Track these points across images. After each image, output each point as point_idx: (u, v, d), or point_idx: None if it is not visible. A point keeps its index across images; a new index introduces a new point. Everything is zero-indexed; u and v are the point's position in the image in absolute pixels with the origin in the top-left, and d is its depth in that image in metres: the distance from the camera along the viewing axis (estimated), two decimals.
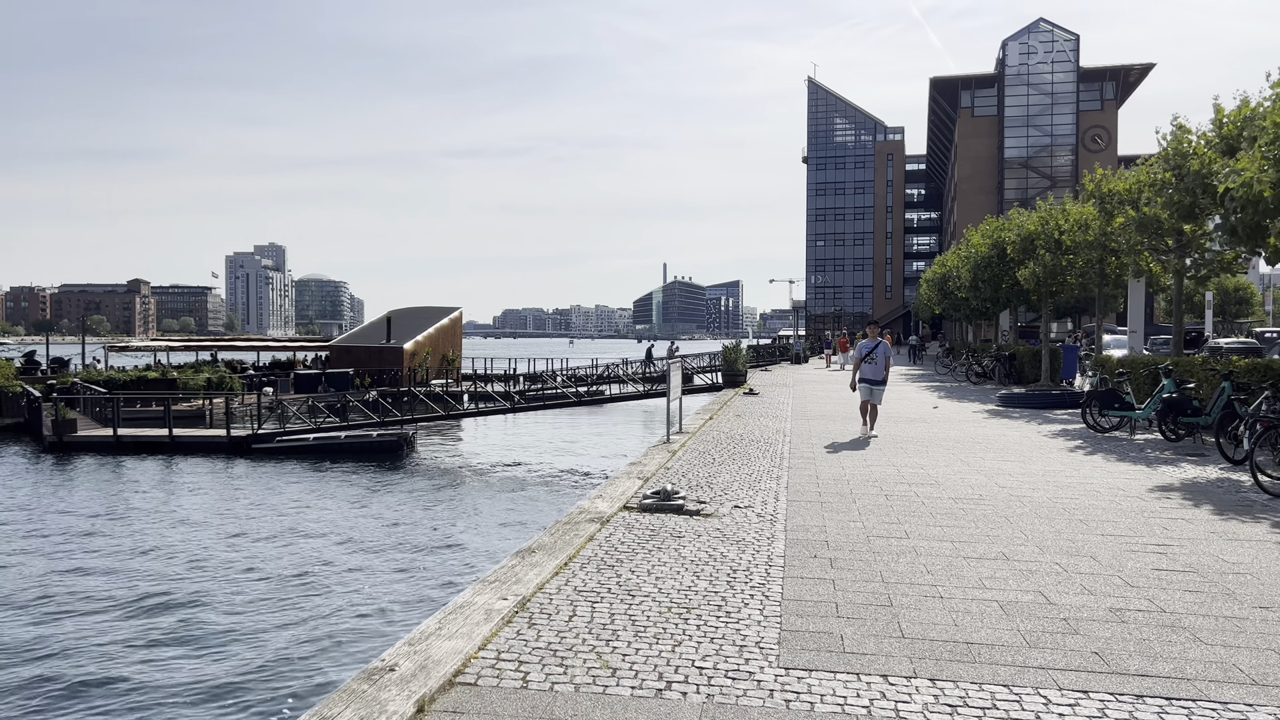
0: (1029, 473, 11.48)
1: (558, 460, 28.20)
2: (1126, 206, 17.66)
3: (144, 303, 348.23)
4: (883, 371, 15.10)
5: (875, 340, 15.39)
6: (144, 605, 14.01)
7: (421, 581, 14.95)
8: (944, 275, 41.02)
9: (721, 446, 13.41)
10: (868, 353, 15.19)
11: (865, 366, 15.12)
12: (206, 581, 15.27)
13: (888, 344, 15.14)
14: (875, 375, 15.11)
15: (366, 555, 16.71)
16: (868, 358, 15.15)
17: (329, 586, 14.76)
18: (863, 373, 15.14)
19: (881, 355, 15.14)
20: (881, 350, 15.21)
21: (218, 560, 16.71)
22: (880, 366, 15.06)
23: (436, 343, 56.68)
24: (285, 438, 29.10)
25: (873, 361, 15.08)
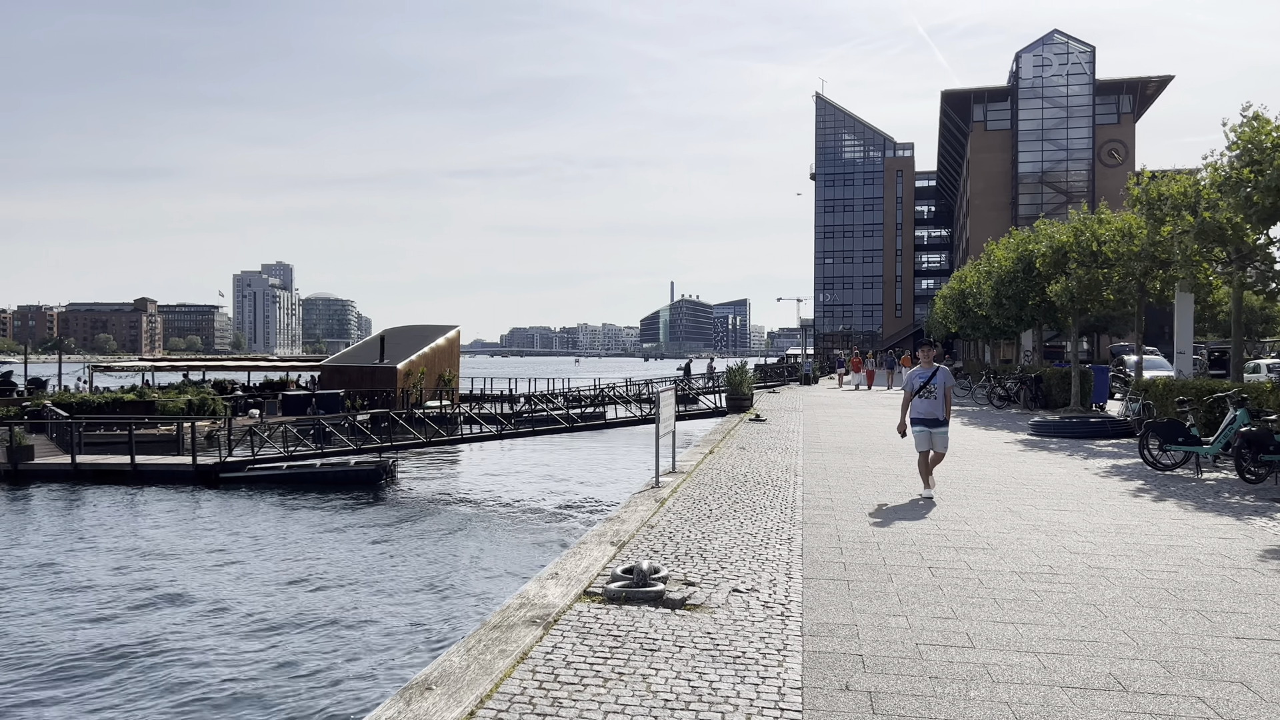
0: (1097, 528, 9.32)
1: (546, 493, 25.97)
2: (1183, 212, 15.51)
3: (150, 321, 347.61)
4: (943, 409, 11.19)
5: (930, 367, 11.36)
6: (76, 656, 11.91)
7: (333, 662, 12.80)
8: (962, 292, 38.85)
9: (721, 492, 11.26)
10: (922, 384, 11.22)
11: (919, 403, 11.24)
12: (141, 629, 13.16)
13: (947, 371, 11.35)
14: (933, 413, 11.16)
15: (289, 622, 14.57)
16: (923, 390, 11.22)
17: (240, 652, 12.62)
18: (915, 411, 11.29)
19: (940, 387, 11.19)
20: (940, 380, 11.20)
21: (153, 608, 14.61)
22: (939, 402, 11.16)
23: (432, 362, 54.63)
24: (256, 466, 27.01)
25: (929, 395, 11.18)
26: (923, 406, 11.22)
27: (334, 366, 53.07)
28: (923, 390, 11.24)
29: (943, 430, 11.23)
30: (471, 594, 14.88)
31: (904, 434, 11.60)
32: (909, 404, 11.39)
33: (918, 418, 11.24)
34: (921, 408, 11.22)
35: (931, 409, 11.16)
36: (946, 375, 11.37)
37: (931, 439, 11.22)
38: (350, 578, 16.41)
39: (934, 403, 11.15)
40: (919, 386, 11.29)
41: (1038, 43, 79.17)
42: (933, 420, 11.15)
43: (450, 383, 56.05)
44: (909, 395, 11.39)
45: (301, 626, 13.62)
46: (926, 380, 11.24)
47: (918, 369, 11.51)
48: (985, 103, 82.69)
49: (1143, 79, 77.64)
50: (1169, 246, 17.04)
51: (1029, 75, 79.36)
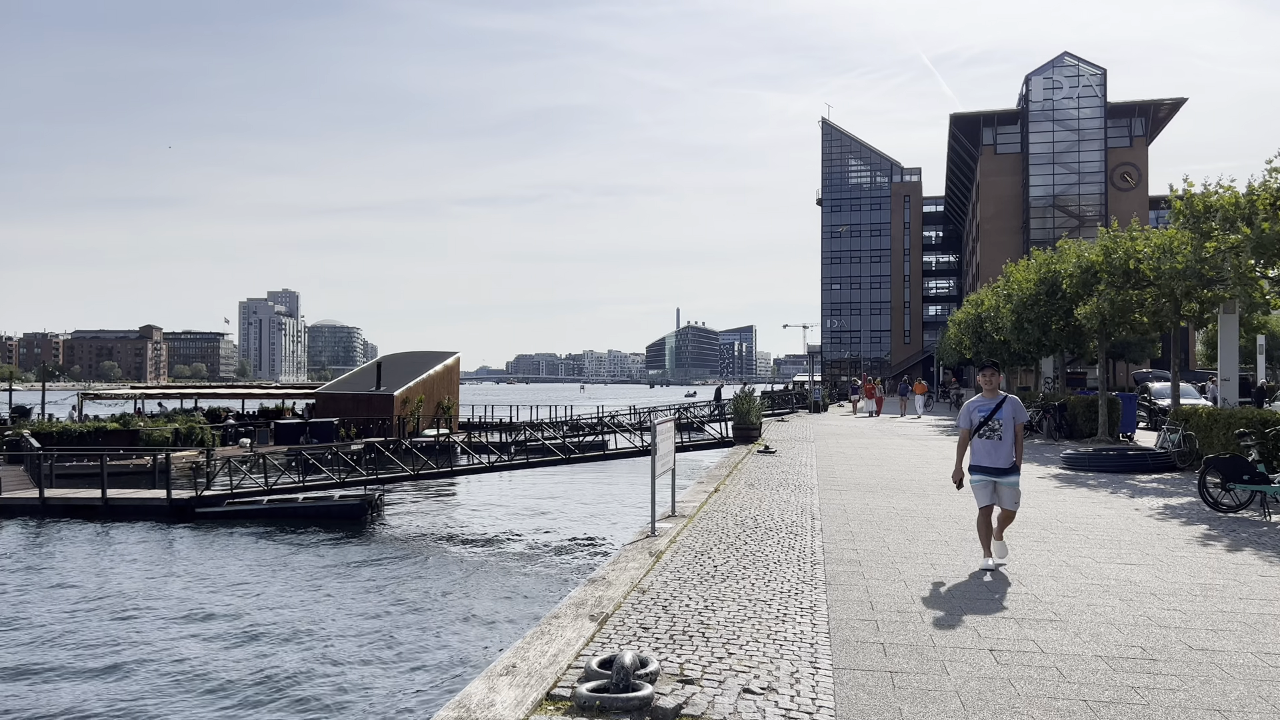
0: (1177, 589, 7.77)
1: (538, 532, 24.23)
2: (1240, 224, 14.02)
3: (156, 349, 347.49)
4: (1011, 452, 8.53)
5: (995, 396, 8.68)
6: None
7: None
8: (979, 316, 37.31)
9: (727, 541, 9.71)
10: (984, 419, 8.60)
11: (980, 444, 8.60)
12: (78, 684, 11.63)
13: (1017, 403, 8.70)
14: (999, 458, 8.51)
15: (219, 686, 13.01)
16: (984, 428, 8.58)
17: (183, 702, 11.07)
18: (975, 455, 8.66)
19: (1008, 422, 8.54)
20: (1009, 414, 8.55)
21: (95, 657, 13.09)
22: (1007, 444, 8.50)
23: (431, 389, 53.20)
24: (235, 500, 25.50)
25: (993, 435, 8.53)
26: (985, 449, 8.56)
27: (329, 394, 51.66)
28: (984, 428, 8.57)
29: (1012, 480, 8.52)
30: (428, 665, 13.17)
31: (960, 484, 8.67)
32: (966, 446, 8.72)
33: (978, 464, 8.60)
34: (983, 451, 8.58)
35: (996, 453, 8.50)
36: (1017, 407, 8.59)
37: (997, 492, 8.56)
38: (301, 633, 14.80)
39: (999, 445, 8.49)
40: (980, 422, 8.60)
41: (1047, 65, 78.09)
42: (999, 468, 8.51)
43: (449, 410, 54.62)
44: (966, 434, 8.71)
45: (228, 693, 12.05)
46: (990, 414, 8.55)
47: (977, 399, 8.81)
48: (995, 126, 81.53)
49: (1155, 101, 76.46)
50: (1218, 262, 15.53)
51: (1039, 98, 78.23)
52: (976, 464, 8.63)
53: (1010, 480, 8.57)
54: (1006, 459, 8.53)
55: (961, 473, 8.66)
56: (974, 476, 8.64)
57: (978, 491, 8.71)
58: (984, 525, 8.75)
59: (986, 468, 8.57)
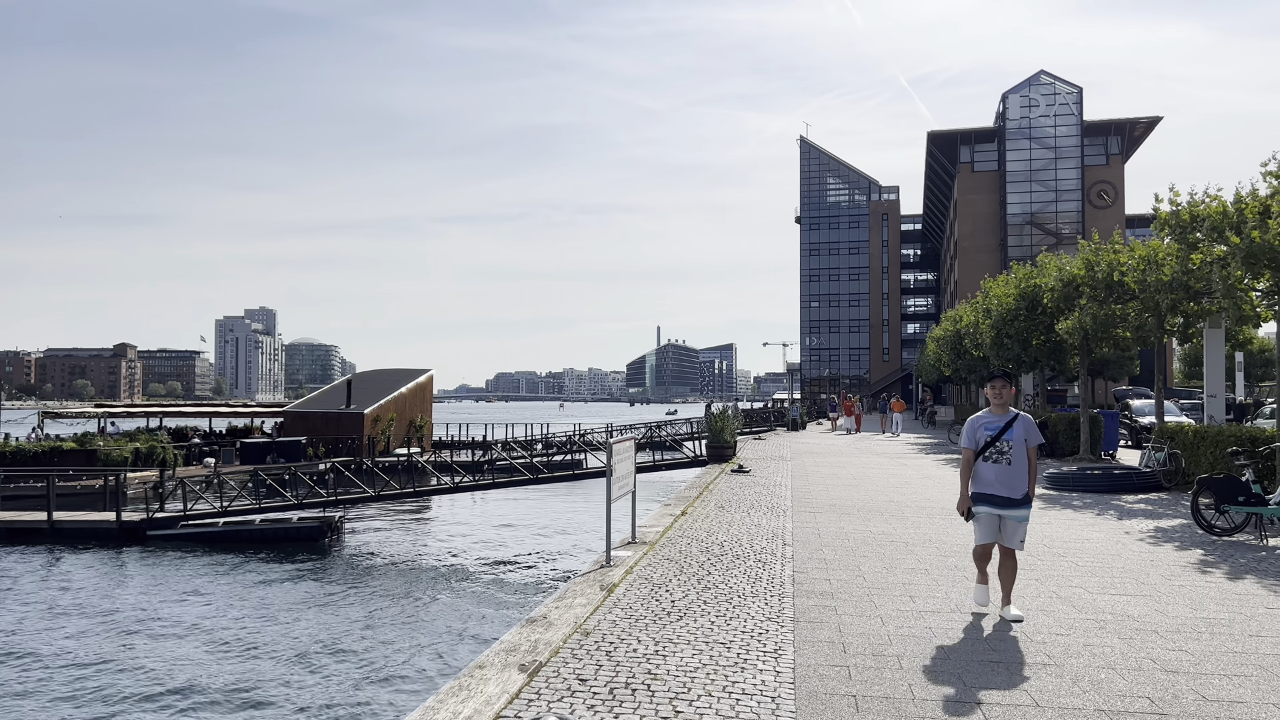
0: (1180, 625, 7.05)
1: (500, 557, 23.15)
2: (1229, 233, 13.43)
3: (130, 367, 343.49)
4: (1024, 479, 7.14)
5: (1004, 413, 7.29)
6: None
7: None
8: (958, 332, 36.80)
9: (689, 572, 8.92)
10: (992, 438, 7.18)
11: (987, 469, 7.20)
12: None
13: (1030, 422, 7.28)
14: (1008, 486, 7.13)
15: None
16: (991, 449, 7.17)
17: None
18: (980, 481, 7.25)
19: (1019, 444, 7.14)
20: (1019, 434, 7.16)
21: (26, 689, 12.11)
22: (1019, 468, 7.12)
23: (403, 407, 52.15)
24: (189, 523, 24.46)
25: (1002, 458, 7.13)
26: (991, 475, 7.12)
27: (297, 413, 50.50)
28: (991, 449, 7.12)
29: (1022, 514, 7.12)
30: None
31: (969, 515, 7.32)
32: (970, 469, 7.30)
33: (983, 493, 7.20)
34: (989, 477, 7.13)
35: (1005, 479, 7.07)
36: (1029, 427, 7.19)
37: (1002, 527, 7.18)
38: (220, 669, 13.86)
39: (1009, 470, 7.07)
40: (986, 442, 7.17)
41: (1024, 83, 78.27)
42: (1006, 498, 7.09)
43: (422, 429, 53.56)
44: (971, 456, 7.28)
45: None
46: (998, 433, 7.12)
47: (983, 415, 7.36)
48: (972, 144, 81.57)
49: (1131, 120, 76.71)
50: (1205, 274, 14.95)
51: (1016, 116, 78.36)
52: (981, 492, 7.22)
53: (1020, 514, 7.13)
54: (1017, 488, 7.10)
55: (968, 501, 7.27)
56: (976, 507, 7.29)
57: (980, 525, 7.32)
58: (982, 561, 7.51)
59: (992, 497, 7.15)
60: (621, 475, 9.36)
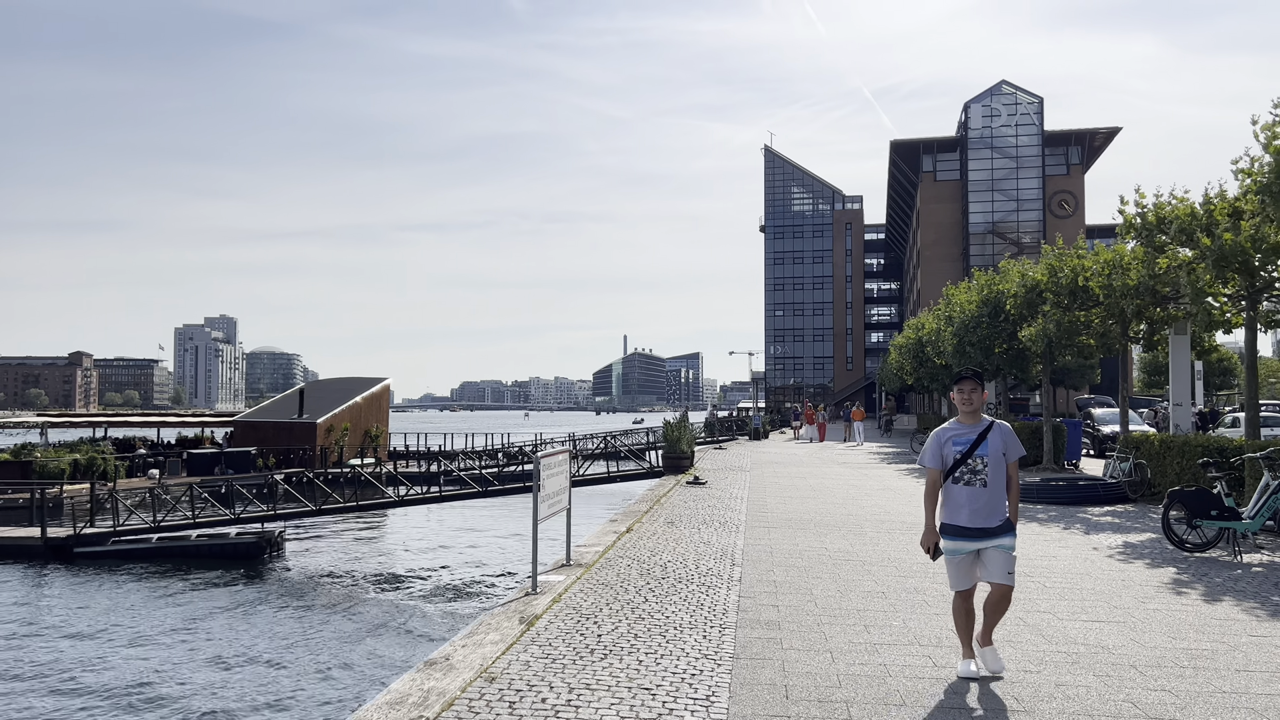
0: (1159, 657, 6.37)
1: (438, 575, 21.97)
2: (1199, 234, 12.90)
3: (86, 376, 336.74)
4: (1003, 503, 5.81)
5: (977, 422, 5.92)
6: None
7: None
8: (919, 340, 36.39)
9: (624, 599, 8.11)
10: (963, 453, 5.82)
11: (957, 492, 5.83)
12: None
13: (1008, 431, 5.95)
14: (986, 515, 5.77)
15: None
16: (962, 468, 5.82)
17: None
18: (953, 507, 5.85)
19: (997, 459, 5.81)
20: (996, 447, 5.82)
21: None
22: (996, 489, 5.78)
23: (357, 417, 50.94)
24: (120, 539, 23.28)
25: (975, 478, 5.79)
26: (962, 500, 5.74)
27: (248, 422, 49.14)
28: (961, 468, 5.77)
29: (1005, 543, 5.73)
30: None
31: (935, 553, 5.93)
32: (937, 494, 5.92)
33: (954, 523, 5.78)
34: (961, 502, 5.75)
35: (981, 504, 5.71)
36: (1008, 438, 5.87)
37: (982, 564, 5.79)
38: (121, 700, 12.85)
39: (985, 493, 5.72)
40: (955, 460, 5.79)
41: (986, 93, 78.62)
42: (984, 528, 5.71)
43: (378, 439, 52.35)
44: (937, 477, 5.89)
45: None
46: (970, 447, 5.75)
47: (951, 427, 5.93)
48: (934, 153, 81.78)
49: (1091, 130, 77.27)
50: (1173, 278, 14.43)
51: (978, 125, 78.66)
52: (951, 523, 5.78)
53: (1001, 543, 5.73)
54: (996, 513, 5.73)
55: (936, 537, 5.88)
56: (947, 542, 5.84)
57: (953, 567, 5.89)
58: (961, 612, 5.94)
59: (966, 529, 5.72)
60: (552, 492, 8.55)
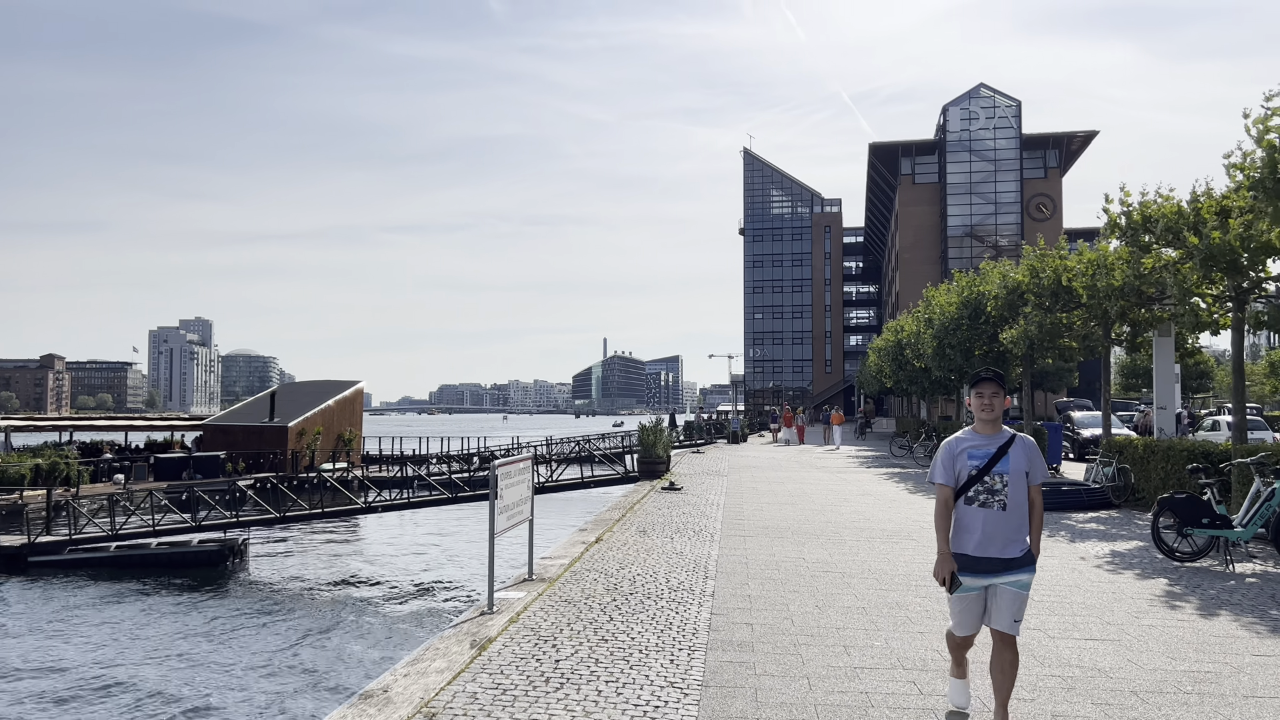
0: (1161, 681, 5.92)
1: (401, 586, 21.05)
2: (1186, 233, 12.52)
3: (58, 379, 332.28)
4: (1022, 529, 4.84)
5: (996, 433, 4.90)
6: None
7: None
8: (899, 343, 36.06)
9: (587, 619, 7.58)
10: (979, 469, 4.81)
11: (971, 514, 4.84)
12: None
13: (1030, 445, 4.88)
14: (1004, 543, 4.81)
15: None
16: (978, 488, 4.82)
17: None
18: (965, 534, 4.87)
19: (1019, 477, 4.79)
20: (1019, 464, 4.80)
21: None
22: (1018, 513, 4.79)
23: (330, 421, 50.07)
24: (77, 548, 22.49)
25: (993, 498, 4.80)
26: (977, 525, 4.81)
27: (217, 426, 48.20)
28: (977, 486, 4.82)
29: (1022, 579, 4.83)
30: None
31: (952, 585, 4.84)
32: (949, 513, 4.90)
33: (966, 552, 4.85)
34: (975, 527, 4.82)
35: (999, 531, 4.79)
36: (1031, 453, 4.87)
37: (996, 603, 4.87)
38: None
39: (1004, 517, 4.77)
40: (971, 476, 4.84)
41: (964, 96, 78.67)
42: (999, 559, 4.80)
43: (351, 443, 51.51)
44: (949, 495, 4.90)
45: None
46: (988, 462, 4.80)
47: (965, 437, 4.94)
48: (913, 156, 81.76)
49: (1068, 134, 77.48)
50: (1159, 278, 14.06)
51: (956, 128, 78.68)
52: (964, 552, 4.84)
53: (1019, 579, 4.80)
54: (1015, 542, 4.79)
55: (953, 564, 4.83)
56: (967, 582, 4.88)
57: (959, 605, 4.98)
58: (959, 655, 5.30)
59: (980, 559, 4.79)
60: (512, 503, 8.00)
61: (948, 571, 4.86)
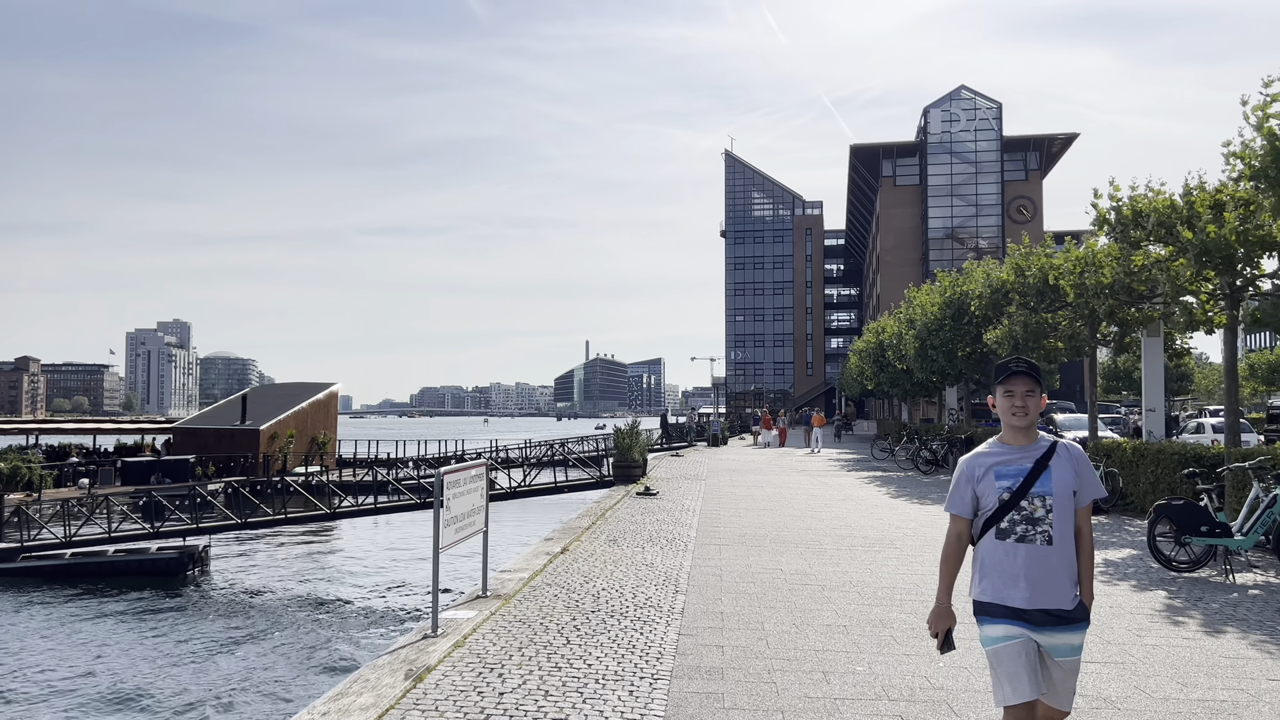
0: (1172, 712, 5.30)
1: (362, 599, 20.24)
2: (1179, 228, 11.99)
3: (33, 381, 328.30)
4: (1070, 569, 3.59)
5: (1034, 441, 3.70)
6: None
7: None
8: (880, 344, 35.56)
9: (541, 643, 6.90)
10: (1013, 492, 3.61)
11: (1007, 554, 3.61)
12: None
13: (1079, 454, 3.69)
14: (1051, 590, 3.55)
15: None
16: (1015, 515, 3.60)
17: None
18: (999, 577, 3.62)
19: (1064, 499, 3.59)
20: (1066, 480, 3.60)
21: None
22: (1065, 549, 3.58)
23: (303, 423, 49.14)
24: (30, 555, 21.62)
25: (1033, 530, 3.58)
26: (1018, 565, 3.59)
27: (187, 429, 47.21)
28: (1012, 514, 3.62)
29: (1074, 640, 3.60)
30: None
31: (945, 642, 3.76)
32: (960, 555, 3.81)
33: (1000, 602, 3.60)
34: (1015, 569, 3.59)
35: (1044, 572, 3.56)
36: (1081, 466, 3.69)
37: (1049, 674, 3.59)
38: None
39: (1049, 554, 3.56)
40: (1004, 502, 3.64)
41: (945, 98, 78.49)
42: (1046, 610, 3.55)
43: (325, 446, 50.58)
44: (965, 529, 3.80)
45: None
46: (1023, 482, 3.63)
47: (993, 449, 3.77)
48: (894, 158, 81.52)
49: (1049, 136, 77.45)
50: (1150, 275, 13.53)
51: (937, 130, 78.49)
52: (1001, 601, 3.60)
53: (1071, 640, 3.60)
54: (1064, 588, 3.59)
55: (950, 619, 3.74)
56: (995, 626, 3.62)
57: (1006, 662, 3.56)
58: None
59: (1021, 610, 3.56)
60: (461, 514, 7.32)
61: (944, 628, 3.73)
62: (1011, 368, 3.72)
